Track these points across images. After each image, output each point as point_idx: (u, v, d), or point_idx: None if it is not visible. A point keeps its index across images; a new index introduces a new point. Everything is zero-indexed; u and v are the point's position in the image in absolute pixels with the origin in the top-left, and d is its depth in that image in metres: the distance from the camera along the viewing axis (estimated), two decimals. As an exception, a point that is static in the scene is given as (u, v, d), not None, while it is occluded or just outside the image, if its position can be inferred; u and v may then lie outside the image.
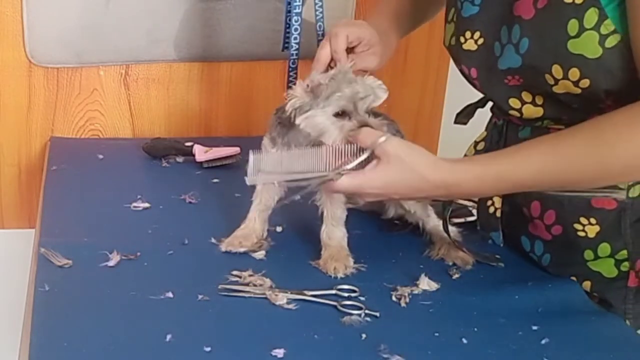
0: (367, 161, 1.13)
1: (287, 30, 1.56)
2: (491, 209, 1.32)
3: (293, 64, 1.52)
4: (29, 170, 1.89)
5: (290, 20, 1.54)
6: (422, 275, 1.23)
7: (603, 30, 1.09)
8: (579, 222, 1.23)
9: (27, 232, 1.75)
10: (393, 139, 1.14)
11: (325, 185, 1.15)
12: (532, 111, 1.24)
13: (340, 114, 1.18)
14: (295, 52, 1.52)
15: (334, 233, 1.28)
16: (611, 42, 1.10)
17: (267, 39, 1.88)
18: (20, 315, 1.25)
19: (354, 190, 1.15)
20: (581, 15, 1.10)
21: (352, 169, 1.13)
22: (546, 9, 1.14)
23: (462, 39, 1.28)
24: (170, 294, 1.15)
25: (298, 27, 1.52)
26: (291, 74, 1.52)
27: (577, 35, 1.11)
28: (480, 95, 1.36)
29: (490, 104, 1.35)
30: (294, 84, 1.51)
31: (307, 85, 1.19)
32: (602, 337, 1.15)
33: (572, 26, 1.11)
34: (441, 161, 1.14)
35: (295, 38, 1.53)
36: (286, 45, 1.58)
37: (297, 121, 1.19)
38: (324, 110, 1.18)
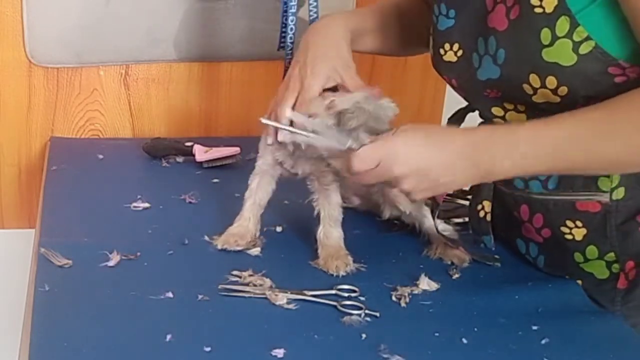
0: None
1: (284, 30, 1.56)
2: (481, 213, 1.32)
3: (289, 63, 1.52)
4: (29, 170, 1.89)
5: (286, 20, 1.54)
6: (422, 275, 1.23)
7: (576, 38, 1.10)
8: (566, 225, 1.23)
9: (27, 232, 1.75)
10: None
11: (347, 162, 1.12)
12: (515, 117, 1.24)
13: None
14: (290, 52, 1.52)
15: (332, 233, 1.28)
16: (585, 48, 1.10)
17: (267, 39, 1.88)
18: (20, 315, 1.25)
19: (377, 159, 1.10)
20: (552, 24, 1.10)
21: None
22: (518, 20, 1.14)
23: (442, 51, 1.29)
24: (170, 294, 1.15)
25: (293, 27, 1.53)
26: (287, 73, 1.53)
27: (551, 44, 1.11)
28: None
29: None
30: None
31: (329, 107, 1.19)
32: (602, 337, 1.15)
33: (545, 35, 1.11)
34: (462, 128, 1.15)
35: (290, 38, 1.53)
36: (282, 45, 1.57)
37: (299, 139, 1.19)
38: (346, 139, 1.16)
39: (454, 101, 1.45)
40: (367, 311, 1.13)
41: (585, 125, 1.08)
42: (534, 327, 1.14)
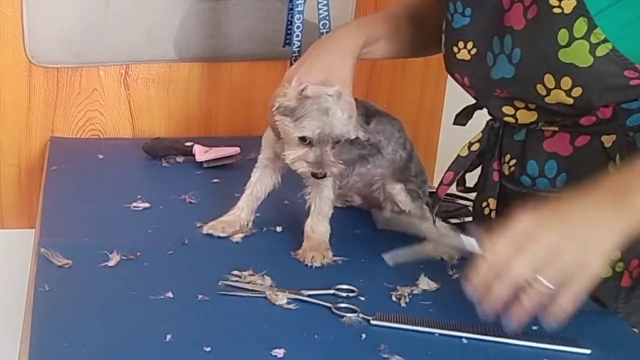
0: None
1: (289, 27, 1.56)
2: (486, 210, 1.32)
3: (295, 60, 1.52)
4: (29, 170, 1.89)
5: (292, 17, 1.54)
6: (422, 275, 1.24)
7: (593, 39, 1.10)
8: None
9: (27, 232, 1.76)
10: None
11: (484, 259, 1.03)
12: (526, 116, 1.24)
13: (304, 139, 1.21)
14: (297, 50, 1.52)
15: (318, 227, 1.30)
16: (602, 50, 1.10)
17: (267, 39, 1.88)
18: (20, 315, 1.25)
19: (510, 237, 1.02)
20: (570, 25, 1.11)
21: None
22: (536, 20, 1.14)
23: (455, 49, 1.29)
24: (170, 294, 1.15)
25: (300, 25, 1.52)
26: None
27: (568, 45, 1.11)
28: None
29: None
30: None
31: (301, 91, 1.20)
32: (602, 337, 1.15)
33: (562, 36, 1.11)
34: None
35: (297, 36, 1.53)
36: (287, 41, 1.57)
37: (276, 117, 1.23)
38: (296, 127, 1.20)
39: (454, 102, 1.45)
40: (361, 315, 1.13)
41: None
42: (534, 327, 1.14)
